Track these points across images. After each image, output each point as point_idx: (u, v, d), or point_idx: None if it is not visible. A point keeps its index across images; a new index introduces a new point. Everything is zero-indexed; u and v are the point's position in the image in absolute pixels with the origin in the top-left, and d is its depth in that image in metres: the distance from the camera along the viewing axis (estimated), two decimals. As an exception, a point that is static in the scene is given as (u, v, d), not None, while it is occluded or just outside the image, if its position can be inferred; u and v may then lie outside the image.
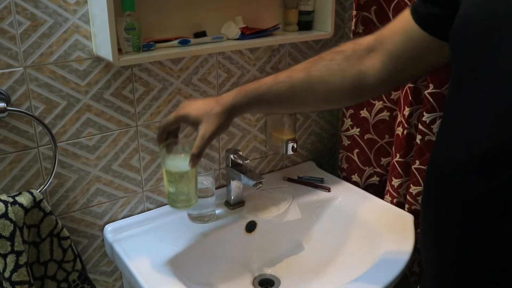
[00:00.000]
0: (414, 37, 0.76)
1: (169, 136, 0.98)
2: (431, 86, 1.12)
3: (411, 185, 1.24)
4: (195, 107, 0.92)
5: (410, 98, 1.21)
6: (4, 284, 0.95)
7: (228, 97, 0.91)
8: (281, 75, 0.89)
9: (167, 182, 1.02)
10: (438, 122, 1.15)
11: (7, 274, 0.93)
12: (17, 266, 0.94)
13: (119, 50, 0.99)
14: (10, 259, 0.94)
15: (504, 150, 0.54)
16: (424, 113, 1.16)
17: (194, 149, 0.91)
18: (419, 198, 1.23)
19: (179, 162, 0.99)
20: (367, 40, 0.84)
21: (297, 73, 0.88)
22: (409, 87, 1.21)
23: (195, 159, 0.92)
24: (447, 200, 0.62)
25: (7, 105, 0.94)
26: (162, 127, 0.96)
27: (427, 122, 1.15)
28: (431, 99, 1.13)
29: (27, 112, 0.98)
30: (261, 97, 0.89)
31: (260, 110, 0.97)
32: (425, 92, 1.15)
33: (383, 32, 0.82)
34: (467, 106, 0.59)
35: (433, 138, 1.17)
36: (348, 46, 0.86)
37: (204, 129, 0.90)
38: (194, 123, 0.92)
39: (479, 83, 0.57)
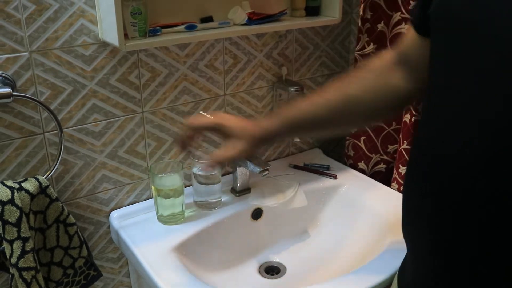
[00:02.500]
0: (419, 43, 0.75)
1: (188, 141, 0.93)
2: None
3: (418, 172, 1.23)
4: (233, 120, 0.91)
5: (418, 85, 1.20)
6: (11, 270, 0.95)
7: (267, 123, 0.90)
8: (315, 98, 0.88)
9: (155, 199, 1.13)
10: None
11: (13, 260, 0.93)
12: (23, 252, 0.94)
13: (125, 35, 0.98)
14: (17, 245, 0.93)
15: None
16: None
17: (218, 157, 0.89)
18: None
19: (166, 181, 1.10)
20: (390, 54, 0.85)
21: (332, 94, 0.87)
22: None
23: (216, 165, 0.91)
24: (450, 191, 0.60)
25: (12, 90, 0.93)
26: (194, 126, 0.92)
27: (436, 109, 1.14)
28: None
29: (33, 97, 0.98)
30: (300, 123, 0.88)
31: (298, 135, 1.00)
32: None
33: (402, 42, 0.82)
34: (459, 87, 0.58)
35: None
36: (375, 63, 0.86)
37: (235, 144, 0.88)
38: (227, 134, 0.89)
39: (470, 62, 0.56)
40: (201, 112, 1.08)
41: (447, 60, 0.61)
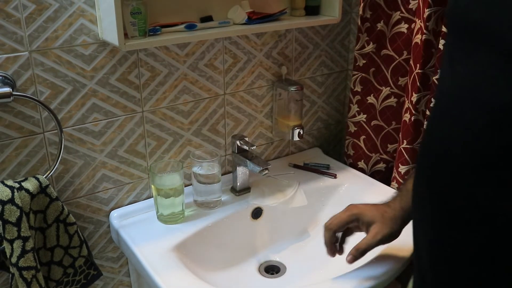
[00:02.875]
0: None
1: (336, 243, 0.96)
2: (439, 72, 1.11)
3: (418, 172, 1.23)
4: (367, 208, 0.92)
5: (418, 84, 1.20)
6: (11, 269, 0.95)
7: (396, 202, 0.90)
8: None
9: (155, 199, 1.13)
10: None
11: (14, 260, 0.93)
12: (23, 252, 0.94)
13: (125, 35, 0.98)
14: (17, 244, 0.94)
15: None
16: (432, 100, 1.14)
17: (362, 245, 0.90)
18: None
19: (166, 180, 1.10)
20: None
21: None
22: (417, 73, 1.19)
23: (358, 255, 0.90)
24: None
25: (12, 90, 0.93)
26: (334, 227, 0.94)
27: (436, 108, 1.14)
28: (440, 85, 1.11)
29: (33, 97, 0.98)
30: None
31: None
32: (433, 78, 1.14)
33: None
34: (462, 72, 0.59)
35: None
36: None
37: (376, 231, 0.90)
38: (367, 223, 0.91)
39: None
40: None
41: (452, 59, 0.62)
